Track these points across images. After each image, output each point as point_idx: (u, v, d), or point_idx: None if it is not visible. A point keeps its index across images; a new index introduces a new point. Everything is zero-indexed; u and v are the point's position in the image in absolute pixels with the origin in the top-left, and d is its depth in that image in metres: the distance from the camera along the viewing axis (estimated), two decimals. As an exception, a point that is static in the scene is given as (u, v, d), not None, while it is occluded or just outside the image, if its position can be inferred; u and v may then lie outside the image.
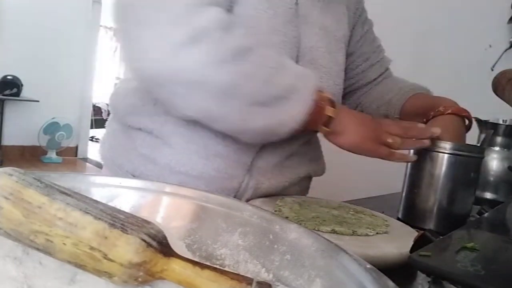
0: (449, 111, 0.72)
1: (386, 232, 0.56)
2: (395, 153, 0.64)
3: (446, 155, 0.68)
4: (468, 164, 0.69)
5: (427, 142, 0.66)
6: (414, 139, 0.67)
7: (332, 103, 0.61)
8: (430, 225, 0.69)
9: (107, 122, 0.77)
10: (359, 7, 0.86)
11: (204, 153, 0.64)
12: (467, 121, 0.75)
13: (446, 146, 0.68)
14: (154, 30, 0.53)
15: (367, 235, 0.54)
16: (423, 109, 0.77)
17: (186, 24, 0.52)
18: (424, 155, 0.70)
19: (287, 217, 0.55)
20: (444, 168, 0.68)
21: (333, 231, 0.53)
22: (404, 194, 0.74)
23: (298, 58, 0.68)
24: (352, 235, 0.53)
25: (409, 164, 0.74)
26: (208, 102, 0.55)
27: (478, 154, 0.70)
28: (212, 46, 0.53)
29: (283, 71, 0.58)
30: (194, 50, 0.52)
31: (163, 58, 0.52)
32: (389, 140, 0.64)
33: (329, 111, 0.60)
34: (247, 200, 0.67)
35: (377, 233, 0.55)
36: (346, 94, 0.90)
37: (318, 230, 0.52)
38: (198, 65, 0.52)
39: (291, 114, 0.58)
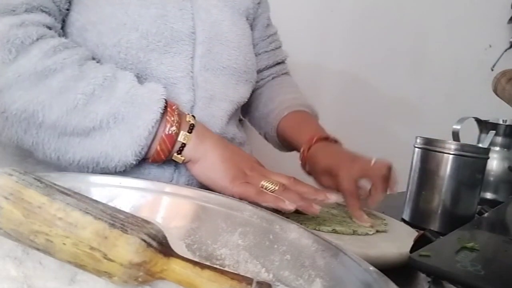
0: (315, 140, 0.67)
1: (385, 231, 0.56)
2: (266, 194, 0.49)
3: (451, 156, 0.68)
4: (473, 165, 0.69)
5: (315, 210, 0.49)
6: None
7: (190, 125, 0.52)
8: (435, 226, 0.69)
9: None
10: None
11: None
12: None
13: (451, 146, 0.68)
14: None
15: (367, 234, 0.54)
16: (290, 136, 0.72)
17: None
18: (429, 156, 0.70)
19: (287, 217, 0.55)
20: (449, 169, 0.68)
21: (334, 231, 0.53)
22: (408, 195, 0.74)
23: (196, 34, 0.60)
24: (353, 234, 0.53)
25: (414, 164, 0.73)
26: (11, 130, 0.47)
27: (483, 155, 0.70)
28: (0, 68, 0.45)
29: (101, 95, 0.48)
30: None
31: None
32: (264, 183, 0.50)
33: (182, 136, 0.51)
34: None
35: (377, 231, 0.55)
36: None
37: (319, 230, 0.52)
38: None
39: (115, 147, 0.48)
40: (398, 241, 0.53)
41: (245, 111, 0.84)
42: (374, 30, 1.79)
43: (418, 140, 0.73)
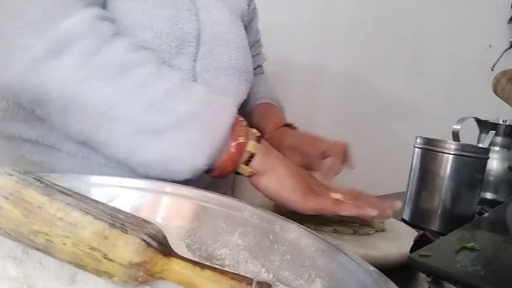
0: (281, 125, 0.73)
1: (383, 230, 0.57)
2: (344, 203, 0.49)
3: (451, 156, 0.68)
4: (473, 165, 0.69)
5: (389, 213, 0.51)
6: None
7: (257, 138, 0.50)
8: (435, 226, 0.69)
9: None
10: None
11: (108, 161, 0.54)
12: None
13: (451, 146, 0.68)
14: (10, 40, 0.43)
15: (368, 233, 0.54)
16: (257, 124, 0.75)
17: (46, 31, 0.43)
18: (429, 156, 0.70)
19: (288, 217, 0.55)
20: (449, 169, 0.68)
21: (335, 231, 0.53)
22: (408, 195, 0.74)
23: (200, 35, 0.59)
24: (354, 234, 0.53)
25: (414, 164, 0.74)
26: (84, 124, 0.46)
27: (483, 155, 0.70)
28: (80, 59, 0.44)
29: (179, 94, 0.47)
30: (56, 64, 0.43)
31: (23, 72, 0.43)
32: (334, 194, 0.51)
33: (250, 146, 0.49)
34: None
35: (376, 231, 0.55)
36: None
37: (320, 230, 0.52)
38: (62, 82, 0.43)
39: (189, 148, 0.46)
40: (398, 241, 0.53)
41: None
42: (374, 30, 1.79)
43: (418, 140, 0.73)
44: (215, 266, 0.31)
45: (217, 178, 0.51)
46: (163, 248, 0.29)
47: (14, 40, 0.43)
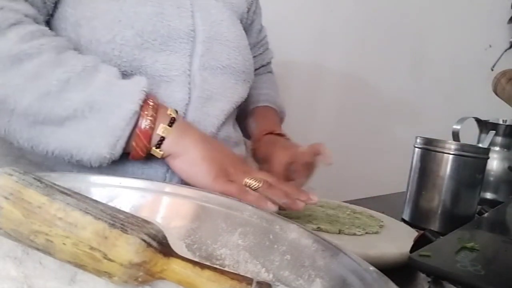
0: (265, 133, 0.72)
1: (377, 232, 0.56)
2: (248, 193, 0.48)
3: (451, 156, 0.68)
4: (473, 165, 0.69)
5: (299, 206, 0.49)
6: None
7: (171, 119, 0.50)
8: (435, 226, 0.69)
9: None
10: None
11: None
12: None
13: (451, 146, 0.68)
14: None
15: (355, 234, 0.54)
16: (250, 128, 0.76)
17: None
18: (429, 156, 0.70)
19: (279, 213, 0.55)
20: (449, 169, 0.68)
21: (319, 229, 0.53)
22: (408, 195, 0.74)
23: (196, 32, 0.59)
24: (339, 233, 0.53)
25: (414, 164, 0.74)
26: None
27: (483, 155, 0.70)
28: None
29: (77, 83, 0.47)
30: None
31: None
32: (248, 180, 0.49)
33: (160, 129, 0.49)
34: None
35: (366, 232, 0.55)
36: None
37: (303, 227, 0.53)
38: None
39: (90, 137, 0.47)
40: (398, 241, 0.53)
41: None
42: (374, 30, 1.79)
43: (418, 140, 0.73)
44: (215, 266, 0.31)
45: (136, 160, 0.51)
46: (163, 248, 0.29)
47: None
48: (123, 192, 0.40)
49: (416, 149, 0.73)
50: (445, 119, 1.08)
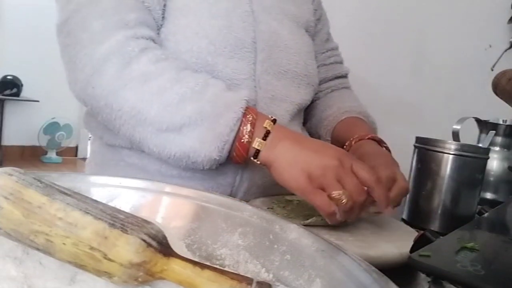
0: (366, 138, 0.69)
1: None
2: (334, 212, 0.49)
3: (451, 156, 0.68)
4: (473, 165, 0.69)
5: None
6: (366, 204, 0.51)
7: (266, 132, 0.55)
8: (435, 226, 0.68)
9: (90, 141, 0.76)
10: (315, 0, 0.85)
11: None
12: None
13: (451, 146, 0.68)
14: (73, 63, 0.58)
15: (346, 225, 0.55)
16: (342, 137, 0.73)
17: (92, 54, 0.56)
18: (429, 156, 0.70)
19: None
20: (449, 169, 0.68)
21: (305, 224, 0.53)
22: (408, 195, 0.74)
23: (257, 43, 0.67)
24: (328, 225, 0.53)
25: (414, 164, 0.73)
26: (125, 127, 0.57)
27: (483, 155, 0.70)
28: (114, 73, 0.55)
29: (191, 96, 0.55)
30: (100, 79, 0.56)
31: (82, 87, 0.58)
32: (333, 194, 0.49)
33: (256, 143, 0.55)
34: (244, 193, 0.66)
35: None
36: None
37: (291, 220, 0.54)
38: (105, 93, 0.56)
39: (202, 142, 0.54)
40: (398, 241, 0.53)
41: (304, 120, 0.85)
42: (375, 30, 1.79)
43: (418, 140, 0.73)
44: (215, 266, 0.31)
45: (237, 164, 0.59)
46: (163, 248, 0.29)
47: (75, 63, 0.58)
48: (123, 192, 0.40)
49: (416, 149, 0.73)
50: (445, 119, 1.08)
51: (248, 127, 0.55)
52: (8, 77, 3.95)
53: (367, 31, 1.78)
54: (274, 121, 0.57)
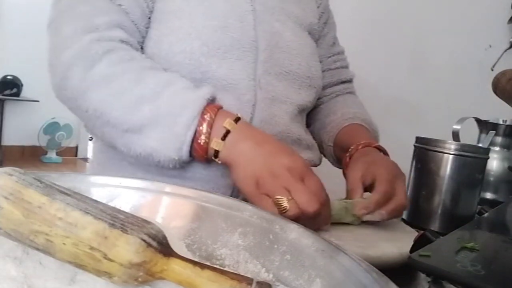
0: (372, 146, 0.68)
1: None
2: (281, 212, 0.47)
3: (451, 156, 0.68)
4: (473, 165, 0.69)
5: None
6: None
7: (226, 132, 0.54)
8: (435, 226, 0.68)
9: (93, 141, 0.78)
10: (322, 2, 0.84)
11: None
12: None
13: (451, 146, 0.68)
14: (52, 66, 0.61)
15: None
16: (345, 144, 0.72)
17: (60, 59, 0.58)
18: (429, 156, 0.70)
19: None
20: (449, 169, 0.68)
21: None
22: (408, 195, 0.74)
23: (258, 42, 0.66)
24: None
25: (414, 164, 0.73)
26: (95, 127, 0.59)
27: (483, 155, 0.70)
28: (80, 76, 0.57)
29: (150, 97, 0.55)
30: (69, 82, 0.58)
31: (59, 90, 0.60)
32: (276, 198, 0.48)
33: (214, 143, 0.54)
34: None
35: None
36: None
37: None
38: (74, 95, 0.58)
39: (161, 142, 0.55)
40: (398, 241, 0.53)
41: (308, 123, 0.84)
42: (374, 30, 1.79)
43: (418, 140, 0.73)
44: (215, 266, 0.31)
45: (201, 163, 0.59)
46: (163, 248, 0.29)
47: (52, 66, 0.61)
48: (123, 192, 0.40)
49: (416, 149, 0.73)
50: (445, 119, 1.08)
51: (205, 127, 0.54)
52: (8, 77, 3.95)
53: (367, 31, 1.78)
54: (237, 119, 0.55)
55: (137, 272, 0.28)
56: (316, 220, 0.49)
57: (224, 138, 0.54)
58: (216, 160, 0.55)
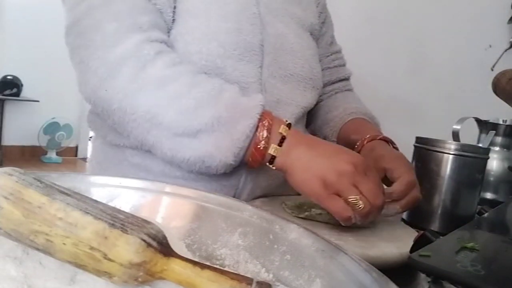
0: (378, 138, 0.69)
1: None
2: (350, 217, 0.49)
3: (451, 156, 0.68)
4: (473, 165, 0.69)
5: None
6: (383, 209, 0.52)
7: (282, 138, 0.55)
8: (435, 226, 0.68)
9: (92, 139, 0.75)
10: (320, 2, 0.84)
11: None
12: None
13: (451, 146, 0.68)
14: (85, 64, 0.57)
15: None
16: (349, 138, 0.74)
17: (106, 57, 0.56)
18: (429, 156, 0.70)
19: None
20: (449, 169, 0.68)
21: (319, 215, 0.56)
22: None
23: (264, 46, 0.67)
24: (327, 223, 0.56)
25: (414, 164, 0.73)
26: (138, 130, 0.57)
27: (483, 155, 0.70)
28: (129, 77, 0.55)
29: (208, 101, 0.55)
30: (114, 82, 0.56)
31: (94, 89, 0.57)
32: (350, 199, 0.49)
33: (272, 149, 0.55)
34: (248, 195, 0.66)
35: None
36: None
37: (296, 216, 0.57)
38: (119, 96, 0.56)
39: (218, 147, 0.55)
40: (398, 241, 0.53)
41: (307, 121, 0.85)
42: (374, 30, 1.79)
43: (418, 140, 0.73)
44: (215, 266, 0.31)
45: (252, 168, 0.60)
46: (163, 248, 0.29)
47: (87, 65, 0.57)
48: (123, 192, 0.40)
49: (416, 149, 0.73)
50: (445, 119, 1.08)
51: (265, 133, 0.55)
52: (8, 77, 3.95)
53: (367, 31, 1.78)
54: (289, 125, 0.56)
55: (137, 272, 0.28)
56: (379, 212, 0.51)
57: (280, 144, 0.55)
58: (271, 166, 0.55)
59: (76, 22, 0.59)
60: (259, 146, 0.55)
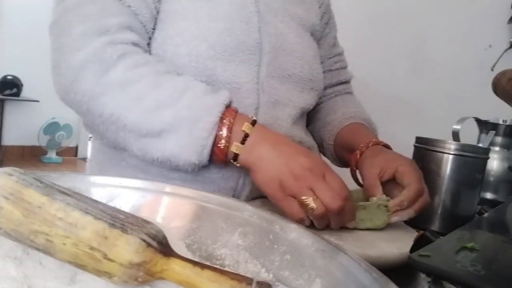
0: (381, 144, 0.69)
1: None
2: (303, 219, 0.50)
3: (451, 156, 0.68)
4: (473, 165, 0.68)
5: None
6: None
7: (245, 135, 0.55)
8: (435, 226, 0.68)
9: (91, 140, 0.75)
10: (324, 2, 0.84)
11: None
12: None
13: (451, 146, 0.68)
14: (58, 68, 0.59)
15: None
16: (346, 143, 0.74)
17: (71, 60, 0.57)
18: (429, 156, 0.70)
19: None
20: (449, 169, 0.68)
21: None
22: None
23: (262, 45, 0.66)
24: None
25: None
26: (108, 132, 0.58)
27: (483, 155, 0.70)
28: (93, 79, 0.56)
29: (169, 102, 0.55)
30: (79, 85, 0.56)
31: (67, 91, 0.58)
32: (302, 198, 0.49)
33: (233, 147, 0.55)
34: (246, 197, 0.66)
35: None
36: None
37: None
38: (85, 99, 0.57)
39: (181, 147, 0.55)
40: (398, 241, 0.53)
41: (307, 122, 0.85)
42: (374, 30, 1.79)
43: (418, 140, 0.73)
44: (215, 266, 0.31)
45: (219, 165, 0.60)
46: (163, 248, 0.29)
47: (58, 68, 0.59)
48: (123, 192, 0.40)
49: (416, 149, 0.73)
50: (445, 119, 1.08)
51: (225, 131, 0.55)
52: (8, 77, 3.95)
53: (367, 31, 1.78)
54: (254, 122, 0.56)
55: (137, 272, 0.28)
56: (341, 216, 0.51)
57: (243, 141, 0.55)
58: (235, 163, 0.56)
59: (54, 23, 0.61)
60: (219, 145, 0.55)
